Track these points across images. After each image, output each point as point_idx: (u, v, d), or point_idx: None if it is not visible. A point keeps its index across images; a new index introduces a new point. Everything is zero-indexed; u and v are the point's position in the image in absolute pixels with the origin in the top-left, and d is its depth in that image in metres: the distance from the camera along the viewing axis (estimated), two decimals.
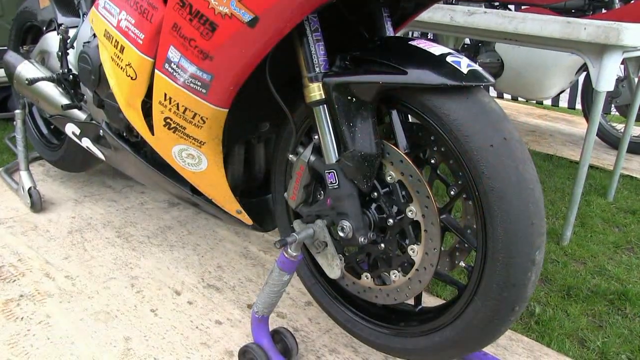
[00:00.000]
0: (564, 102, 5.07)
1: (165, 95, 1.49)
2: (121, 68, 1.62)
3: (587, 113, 4.25)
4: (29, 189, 2.53)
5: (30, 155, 2.79)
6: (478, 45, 4.24)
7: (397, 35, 1.54)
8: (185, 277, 2.07)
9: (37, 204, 2.53)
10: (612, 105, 4.10)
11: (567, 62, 3.77)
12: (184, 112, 1.49)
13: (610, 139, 4.09)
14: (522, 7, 4.24)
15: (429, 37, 4.37)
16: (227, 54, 1.34)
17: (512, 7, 4.39)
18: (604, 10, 3.93)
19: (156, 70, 1.49)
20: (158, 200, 2.72)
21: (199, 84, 1.41)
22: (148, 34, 1.51)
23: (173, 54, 1.42)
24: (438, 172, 1.42)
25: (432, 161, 1.39)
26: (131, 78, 1.59)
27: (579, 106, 4.64)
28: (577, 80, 4.37)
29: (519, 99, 5.13)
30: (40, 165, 3.09)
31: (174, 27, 1.39)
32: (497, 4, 4.34)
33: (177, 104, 1.49)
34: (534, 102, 5.26)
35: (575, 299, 2.08)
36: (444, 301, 1.97)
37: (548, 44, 2.45)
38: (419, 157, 1.43)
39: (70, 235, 2.35)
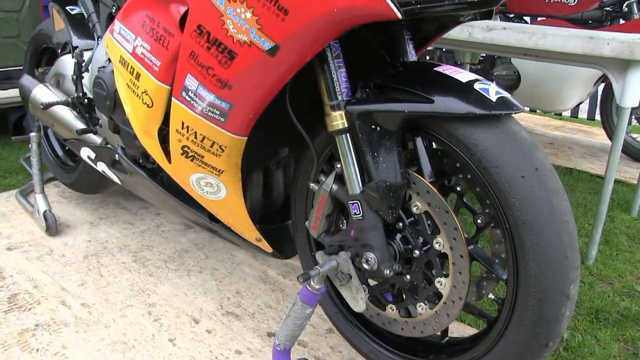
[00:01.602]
0: (582, 113, 5.00)
1: (183, 123, 1.46)
2: (137, 95, 1.59)
3: (606, 125, 4.19)
4: (44, 212, 2.51)
5: (45, 176, 2.78)
6: (494, 57, 4.19)
7: (420, 60, 1.49)
8: (203, 304, 2.03)
9: (53, 228, 2.50)
10: (632, 117, 4.04)
11: (586, 73, 3.71)
12: (202, 141, 1.46)
13: (632, 151, 4.02)
14: (538, 19, 4.20)
15: (443, 50, 4.33)
16: (247, 82, 1.30)
17: (527, 18, 4.34)
18: (622, 21, 3.88)
19: (173, 99, 1.45)
20: (174, 222, 2.68)
21: (218, 112, 1.38)
22: (164, 61, 1.47)
23: (190, 82, 1.39)
24: (464, 199, 1.37)
25: (458, 188, 1.34)
26: (147, 106, 1.56)
27: (598, 117, 4.56)
28: (597, 91, 4.31)
29: (537, 110, 5.07)
30: (55, 186, 3.07)
31: (191, 55, 1.36)
32: (512, 15, 4.30)
33: (195, 132, 1.45)
34: (552, 113, 5.19)
35: (604, 323, 2.01)
36: (468, 326, 1.93)
37: (569, 60, 2.39)
38: (444, 184, 1.39)
39: (86, 260, 2.32)
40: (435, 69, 1.28)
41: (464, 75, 1.24)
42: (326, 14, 1.14)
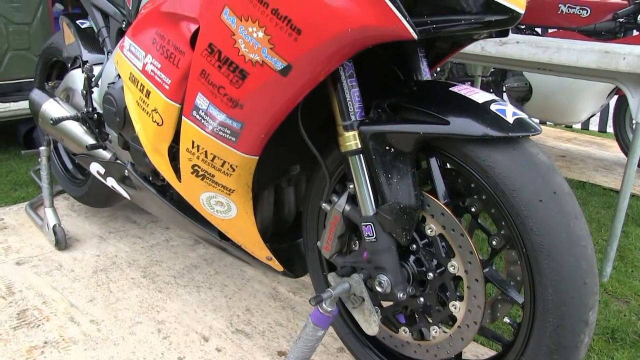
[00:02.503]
0: (593, 125, 4.95)
1: (193, 142, 1.44)
2: (147, 113, 1.57)
3: (619, 137, 4.15)
4: (54, 226, 2.50)
5: (54, 189, 2.77)
6: (505, 69, 4.16)
7: (434, 79, 1.47)
8: (213, 322, 2.01)
9: (62, 242, 2.49)
10: None
11: (599, 85, 3.67)
12: (212, 160, 1.44)
13: None
14: (550, 31, 4.17)
15: (454, 62, 4.31)
16: (258, 102, 1.28)
17: (538, 30, 4.31)
18: (635, 32, 3.84)
19: (183, 118, 1.44)
20: (183, 237, 2.66)
21: (229, 132, 1.36)
22: (175, 79, 1.46)
23: (201, 101, 1.37)
24: (479, 220, 1.34)
25: (473, 209, 1.32)
26: (157, 124, 1.54)
27: (609, 129, 4.52)
28: (608, 103, 4.27)
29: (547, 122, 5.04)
30: (64, 199, 3.06)
31: (202, 74, 1.34)
32: (523, 27, 4.27)
33: (206, 151, 1.43)
34: (563, 125, 5.16)
35: (621, 344, 1.97)
36: (481, 345, 1.89)
37: (584, 74, 2.36)
38: (458, 204, 1.36)
39: (95, 275, 2.30)
40: (450, 89, 1.25)
41: (480, 96, 1.21)
42: (340, 34, 1.12)
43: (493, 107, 1.18)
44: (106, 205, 2.79)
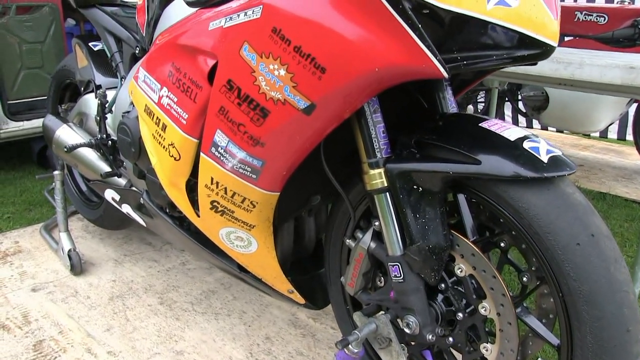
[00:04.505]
0: (612, 133, 4.86)
1: (212, 179, 1.40)
2: (163, 147, 1.53)
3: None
4: (69, 251, 2.47)
5: (69, 209, 2.74)
6: None
7: (462, 112, 1.42)
8: (232, 351, 1.96)
9: (77, 267, 2.46)
10: None
11: None
12: (232, 197, 1.40)
13: None
14: (567, 39, 4.10)
15: None
16: (280, 140, 1.24)
17: None
18: None
19: (202, 154, 1.39)
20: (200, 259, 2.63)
21: (249, 169, 1.32)
22: (192, 113, 1.41)
23: (220, 138, 1.32)
24: (509, 256, 1.29)
25: (502, 244, 1.26)
26: (174, 158, 1.50)
27: (629, 137, 4.45)
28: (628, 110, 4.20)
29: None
30: (78, 220, 3.03)
31: (220, 111, 1.30)
32: None
33: (225, 188, 1.39)
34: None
35: None
36: None
37: (608, 90, 2.30)
38: (486, 240, 1.31)
39: (112, 302, 2.26)
40: (480, 124, 1.20)
41: (511, 132, 1.16)
42: (367, 74, 1.07)
43: (526, 145, 1.13)
44: (121, 227, 2.75)
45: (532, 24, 1.08)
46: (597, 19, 3.84)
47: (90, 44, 2.43)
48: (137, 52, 1.99)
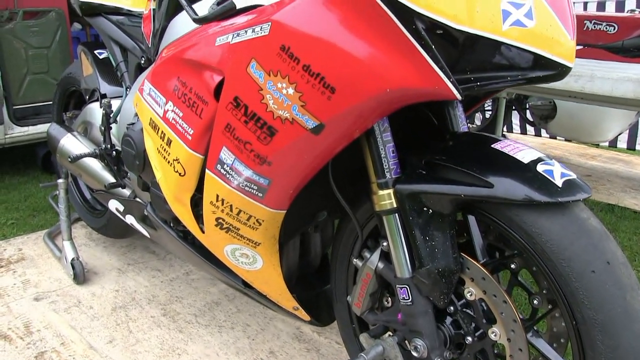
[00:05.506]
0: (622, 143, 4.81)
1: (218, 196, 1.37)
2: (168, 162, 1.51)
3: None
4: (72, 259, 2.45)
5: (72, 216, 2.72)
6: None
7: (474, 132, 1.39)
8: None
9: (80, 276, 2.44)
10: None
11: None
12: (237, 214, 1.37)
13: None
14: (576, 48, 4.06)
15: None
16: (288, 159, 1.21)
17: None
18: None
19: (207, 171, 1.37)
20: None
21: (255, 187, 1.29)
22: (197, 129, 1.39)
23: (226, 155, 1.30)
24: (519, 278, 1.26)
25: (512, 266, 1.23)
26: (179, 174, 1.48)
27: (639, 147, 4.41)
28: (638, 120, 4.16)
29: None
30: (82, 227, 3.01)
31: (227, 128, 1.27)
32: None
33: (231, 205, 1.36)
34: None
35: None
36: None
37: (619, 103, 2.28)
38: (496, 261, 1.28)
39: (115, 313, 2.24)
40: (492, 145, 1.17)
41: (525, 154, 1.13)
42: (377, 95, 1.04)
43: (540, 168, 1.10)
44: (124, 236, 2.73)
45: (548, 44, 1.05)
46: (606, 28, 3.79)
47: (95, 51, 2.41)
48: (142, 62, 1.97)
